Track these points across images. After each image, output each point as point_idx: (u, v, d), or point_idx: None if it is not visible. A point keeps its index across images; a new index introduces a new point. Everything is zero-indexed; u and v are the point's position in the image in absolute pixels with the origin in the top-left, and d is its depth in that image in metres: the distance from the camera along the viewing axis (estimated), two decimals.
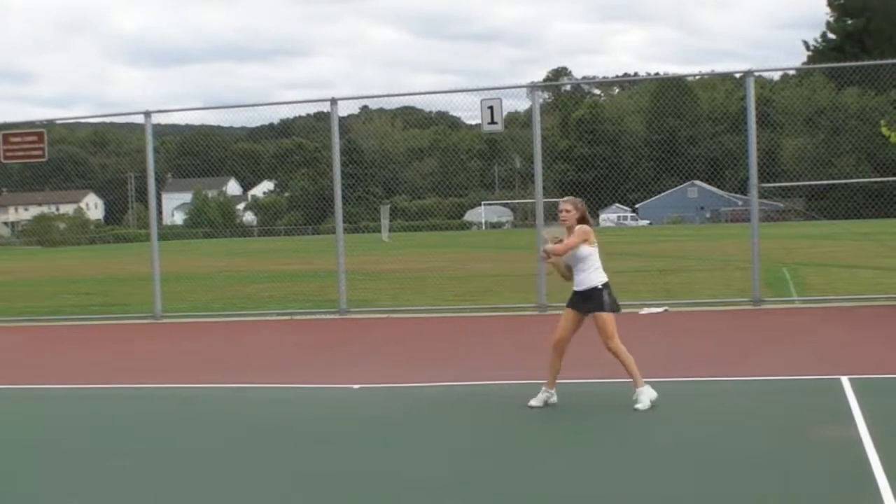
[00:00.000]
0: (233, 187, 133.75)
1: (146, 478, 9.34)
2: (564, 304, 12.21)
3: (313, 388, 13.84)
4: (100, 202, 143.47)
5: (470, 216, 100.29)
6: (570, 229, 11.91)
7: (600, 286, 11.89)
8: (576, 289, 12.00)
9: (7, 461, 10.17)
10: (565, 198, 12.06)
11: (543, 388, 12.05)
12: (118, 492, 8.88)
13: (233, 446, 10.46)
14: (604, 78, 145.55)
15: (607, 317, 11.87)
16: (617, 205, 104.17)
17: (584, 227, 11.90)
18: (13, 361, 18.31)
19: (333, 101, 22.02)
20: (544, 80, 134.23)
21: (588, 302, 11.90)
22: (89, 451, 10.50)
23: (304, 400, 13.20)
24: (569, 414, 11.63)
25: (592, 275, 11.91)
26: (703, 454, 9.33)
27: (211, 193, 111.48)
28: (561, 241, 11.84)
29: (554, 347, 12.08)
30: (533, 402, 11.93)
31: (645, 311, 20.24)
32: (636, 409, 11.42)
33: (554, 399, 11.97)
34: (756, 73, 20.94)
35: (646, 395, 11.61)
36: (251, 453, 10.07)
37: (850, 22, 53.96)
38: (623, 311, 20.56)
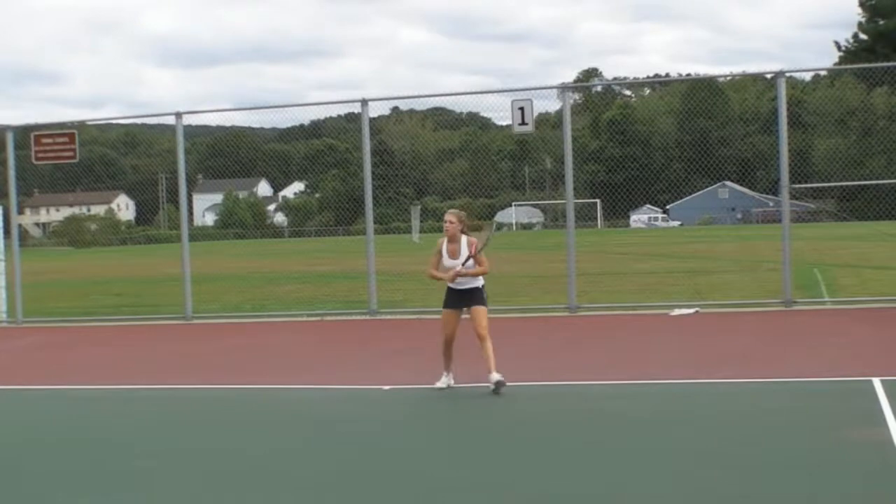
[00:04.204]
0: (263, 188, 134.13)
1: (174, 478, 9.37)
2: (469, 305, 13.43)
3: (343, 388, 13.85)
4: (131, 203, 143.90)
5: (500, 217, 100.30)
6: (453, 238, 13.28)
7: (480, 286, 13.40)
8: (458, 288, 13.30)
9: (37, 461, 10.20)
10: (450, 210, 13.54)
11: (445, 374, 13.41)
12: (147, 492, 8.91)
13: (260, 447, 10.48)
14: (634, 79, 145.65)
15: (485, 309, 13.30)
16: (648, 206, 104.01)
17: (472, 238, 13.35)
18: (44, 361, 18.41)
19: (364, 102, 22.04)
20: (575, 81, 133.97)
21: (472, 297, 13.26)
22: (118, 452, 10.52)
23: (334, 401, 13.22)
24: (598, 415, 11.63)
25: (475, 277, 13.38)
26: (733, 455, 9.30)
27: (242, 194, 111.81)
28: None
29: (447, 344, 13.36)
30: (439, 384, 13.33)
31: (675, 312, 20.20)
32: (498, 384, 12.83)
33: (452, 382, 13.42)
34: (787, 74, 20.86)
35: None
36: (280, 454, 10.09)
37: (881, 22, 53.70)
38: (653, 312, 20.68)
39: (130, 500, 8.72)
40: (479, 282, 13.41)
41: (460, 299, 13.34)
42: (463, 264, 13.20)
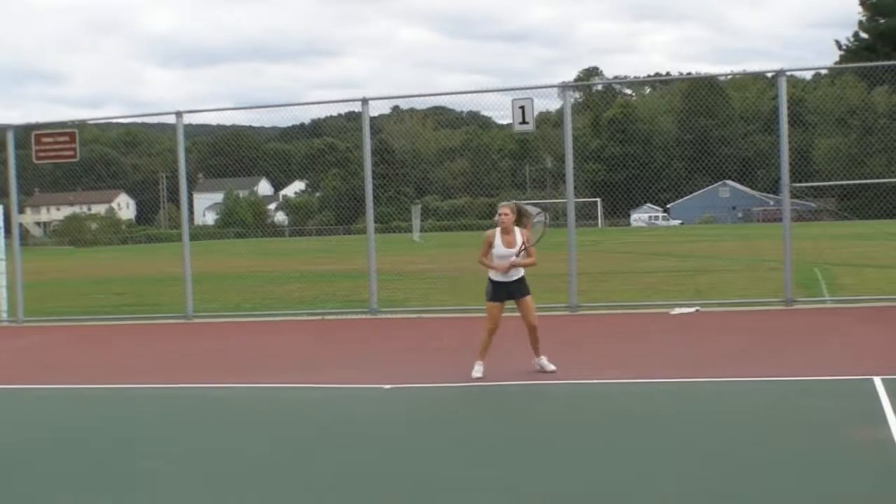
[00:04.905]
0: (264, 187, 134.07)
1: (177, 478, 9.37)
2: (499, 302, 14.07)
3: (344, 388, 13.86)
4: (131, 202, 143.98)
5: None
6: (507, 229, 13.89)
7: (523, 275, 14.03)
8: (505, 280, 13.83)
9: (38, 460, 10.20)
10: (504, 202, 14.03)
11: (479, 363, 13.89)
12: (149, 492, 8.91)
13: (262, 446, 10.48)
14: (635, 78, 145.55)
15: (531, 298, 14.07)
16: (648, 205, 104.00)
17: (525, 230, 13.98)
18: (45, 361, 18.40)
19: (364, 101, 22.02)
20: (575, 80, 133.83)
21: (518, 288, 13.88)
22: (119, 452, 10.52)
23: (335, 400, 13.22)
24: (600, 414, 11.63)
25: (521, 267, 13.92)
26: (733, 454, 9.30)
27: (242, 193, 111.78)
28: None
29: (491, 334, 13.92)
30: (475, 374, 13.77)
31: (676, 311, 20.19)
32: (552, 371, 13.95)
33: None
34: (788, 73, 20.84)
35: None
36: (281, 453, 10.09)
37: (882, 21, 53.51)
38: (654, 311, 20.68)
39: (131, 500, 8.72)
40: (522, 272, 13.97)
41: (507, 291, 13.92)
42: (517, 255, 13.73)
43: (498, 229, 13.92)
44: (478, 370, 13.76)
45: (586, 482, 8.69)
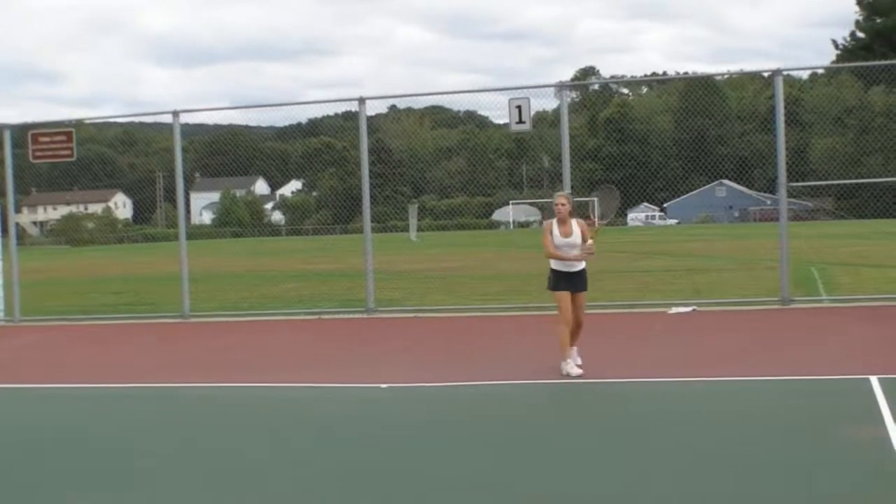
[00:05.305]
0: (261, 187, 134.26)
1: (174, 478, 9.35)
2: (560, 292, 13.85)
3: (340, 387, 13.83)
4: (128, 201, 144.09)
5: (498, 215, 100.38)
6: (564, 221, 13.82)
7: (585, 267, 13.96)
8: (567, 270, 13.81)
9: (35, 460, 10.18)
10: (561, 192, 14.10)
11: (571, 358, 13.59)
12: (147, 492, 8.89)
13: (259, 446, 10.46)
14: (632, 77, 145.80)
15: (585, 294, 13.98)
16: (645, 204, 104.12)
17: (581, 221, 13.96)
18: (43, 360, 18.38)
19: (361, 101, 22.01)
20: (572, 80, 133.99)
21: (580, 280, 13.86)
22: (117, 451, 10.49)
23: (332, 399, 13.20)
24: (597, 413, 11.64)
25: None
26: (731, 454, 9.29)
27: (239, 193, 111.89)
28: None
29: (568, 325, 13.60)
30: (572, 371, 13.39)
31: (673, 310, 20.18)
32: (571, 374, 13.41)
33: (579, 359, 13.80)
34: (785, 72, 20.84)
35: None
36: (278, 452, 10.07)
37: (878, 21, 53.58)
38: (651, 310, 20.67)
39: (130, 500, 8.70)
40: (584, 264, 13.96)
41: (571, 281, 13.85)
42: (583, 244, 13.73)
43: (554, 220, 13.91)
44: (571, 366, 13.53)
45: (583, 482, 8.69)
